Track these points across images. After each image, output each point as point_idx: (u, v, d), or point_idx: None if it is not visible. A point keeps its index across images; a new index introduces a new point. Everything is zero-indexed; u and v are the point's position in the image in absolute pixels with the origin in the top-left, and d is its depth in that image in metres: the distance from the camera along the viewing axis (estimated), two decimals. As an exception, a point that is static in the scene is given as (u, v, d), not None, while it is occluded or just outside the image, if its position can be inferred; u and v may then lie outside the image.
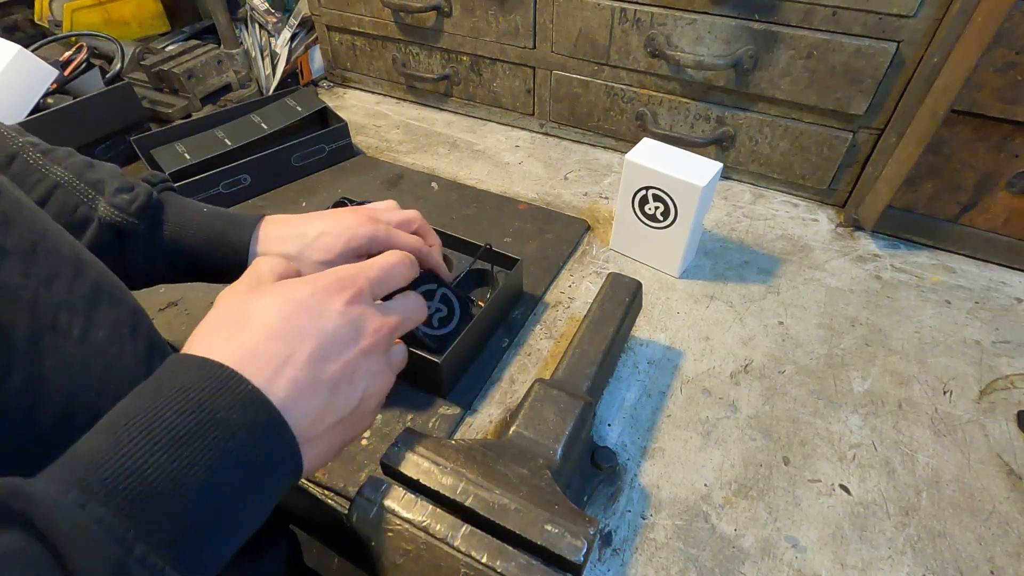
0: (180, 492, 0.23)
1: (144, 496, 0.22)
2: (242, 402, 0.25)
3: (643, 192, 0.62)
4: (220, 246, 0.46)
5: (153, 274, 0.47)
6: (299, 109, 0.89)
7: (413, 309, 0.38)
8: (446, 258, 0.62)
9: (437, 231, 0.63)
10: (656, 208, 0.62)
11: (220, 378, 0.25)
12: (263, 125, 0.87)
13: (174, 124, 0.85)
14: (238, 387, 0.25)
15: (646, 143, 0.63)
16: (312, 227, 0.47)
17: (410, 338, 0.51)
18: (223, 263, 0.47)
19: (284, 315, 0.29)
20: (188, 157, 0.79)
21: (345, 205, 0.66)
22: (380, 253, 0.41)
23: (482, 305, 0.56)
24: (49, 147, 0.45)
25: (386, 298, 0.37)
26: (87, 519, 0.21)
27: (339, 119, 0.87)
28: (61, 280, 0.30)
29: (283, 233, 0.48)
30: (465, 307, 0.54)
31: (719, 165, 0.59)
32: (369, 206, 0.52)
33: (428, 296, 0.53)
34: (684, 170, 0.59)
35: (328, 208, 0.63)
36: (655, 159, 0.61)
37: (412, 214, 0.52)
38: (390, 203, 0.53)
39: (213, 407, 0.24)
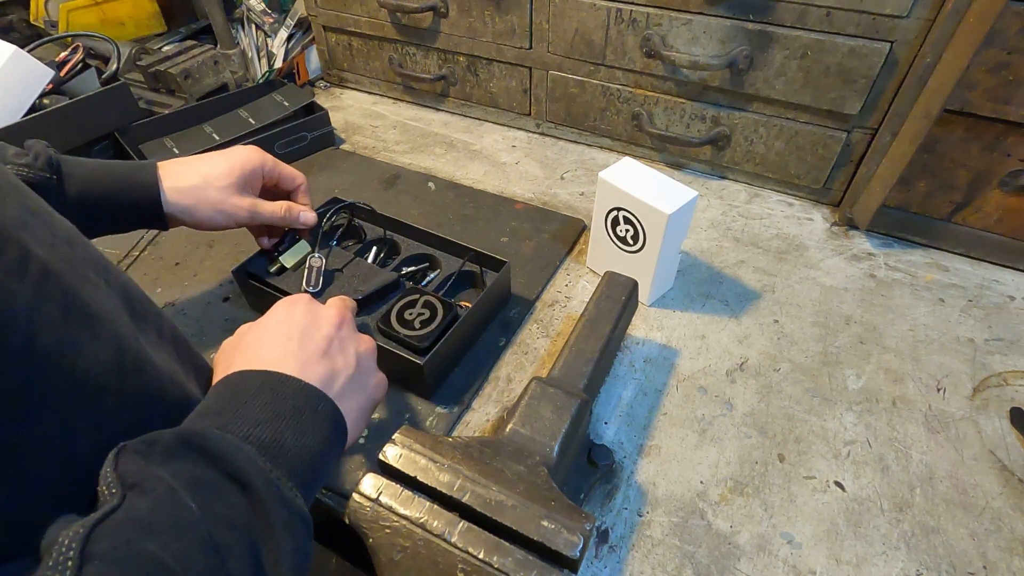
0: (283, 445, 0.32)
1: (264, 447, 0.31)
2: (291, 386, 0.35)
3: (615, 213, 0.60)
4: (131, 188, 0.51)
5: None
6: (286, 104, 0.89)
7: (341, 298, 0.46)
8: (431, 258, 0.65)
9: (430, 232, 0.65)
10: (627, 231, 0.60)
11: (274, 376, 0.35)
12: (251, 120, 0.87)
13: (160, 116, 0.86)
14: (283, 378, 0.35)
15: (627, 162, 0.61)
16: (208, 162, 0.55)
17: (396, 342, 0.53)
18: (136, 203, 0.51)
19: (267, 331, 0.39)
20: (177, 152, 0.81)
21: (338, 203, 0.66)
22: (270, 178, 0.58)
23: (468, 306, 0.57)
24: None
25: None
26: (246, 448, 0.29)
27: (322, 109, 0.89)
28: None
29: (183, 170, 0.53)
30: (448, 310, 0.55)
31: (694, 194, 0.56)
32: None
33: (411, 304, 0.56)
34: (655, 195, 0.56)
35: (321, 207, 0.66)
36: (629, 180, 0.58)
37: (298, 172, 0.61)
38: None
39: (280, 393, 0.34)
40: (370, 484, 0.38)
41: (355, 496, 0.38)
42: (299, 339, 0.38)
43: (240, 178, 0.55)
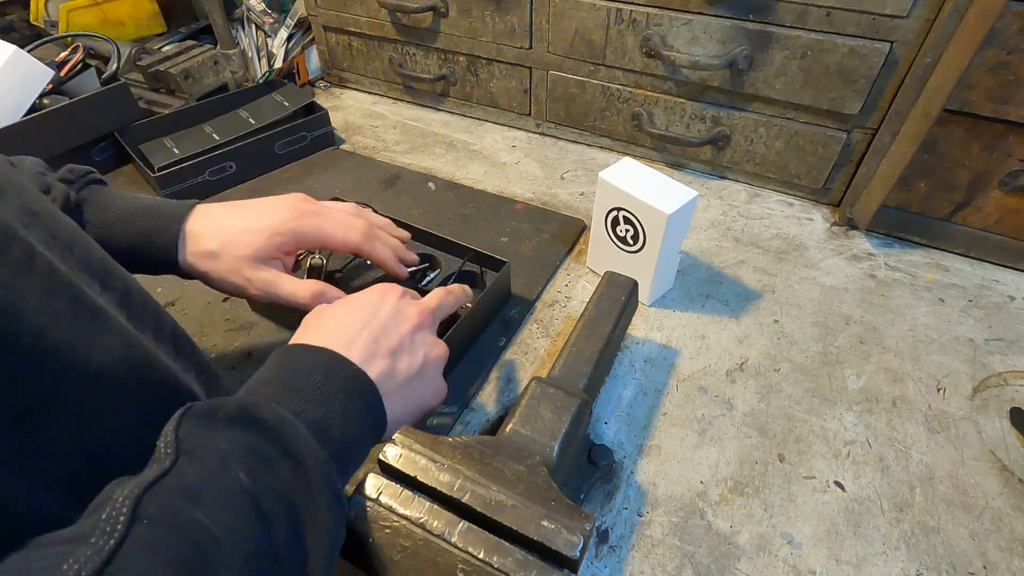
0: (330, 428, 0.33)
1: (313, 427, 0.32)
2: (347, 371, 0.36)
3: (615, 213, 0.60)
4: (146, 247, 0.46)
5: None
6: (286, 104, 0.90)
7: (445, 295, 0.47)
8: (431, 258, 0.64)
9: (430, 232, 0.64)
10: (627, 231, 0.60)
11: (334, 358, 0.36)
12: (251, 120, 0.87)
13: (160, 116, 0.86)
14: (342, 362, 0.37)
15: (627, 162, 0.60)
16: (239, 221, 0.48)
17: None
18: (152, 262, 0.47)
19: (348, 312, 0.41)
20: (177, 152, 0.81)
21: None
22: (309, 247, 0.51)
23: (468, 306, 0.57)
24: None
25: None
26: (301, 427, 0.31)
27: (322, 109, 0.90)
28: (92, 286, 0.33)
29: (207, 230, 0.47)
30: None
31: (694, 194, 0.56)
32: (320, 203, 0.53)
33: None
34: (656, 195, 0.56)
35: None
36: (629, 180, 0.58)
37: (364, 211, 0.55)
38: (349, 205, 0.55)
39: (335, 374, 0.36)
40: (370, 484, 0.38)
41: (355, 496, 0.38)
42: (374, 329, 0.40)
43: (262, 249, 0.47)
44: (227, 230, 0.48)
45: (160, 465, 0.26)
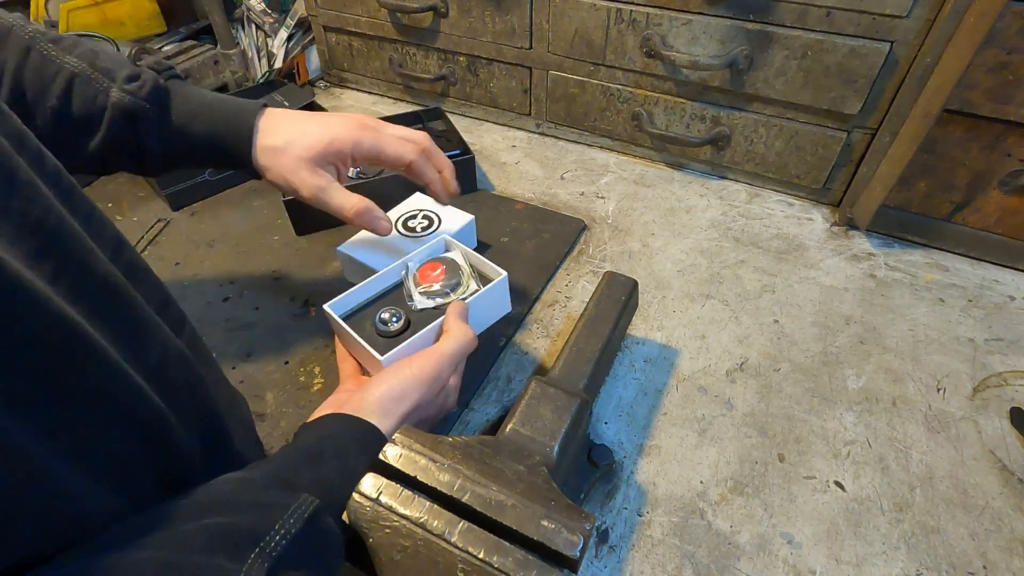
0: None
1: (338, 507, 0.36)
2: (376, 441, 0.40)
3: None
4: (224, 139, 0.49)
5: (168, 159, 0.49)
6: (286, 104, 0.90)
7: (467, 341, 0.49)
8: None
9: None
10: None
11: (376, 439, 0.40)
12: None
13: None
14: (379, 436, 0.41)
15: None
16: (306, 124, 0.51)
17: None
18: (228, 155, 0.50)
19: (423, 394, 0.44)
20: None
21: None
22: (365, 158, 0.52)
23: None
24: (55, 35, 0.46)
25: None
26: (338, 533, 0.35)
27: (323, 109, 0.91)
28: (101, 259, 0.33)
29: (279, 127, 0.50)
30: None
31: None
32: (379, 121, 0.54)
33: None
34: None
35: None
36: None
37: (419, 135, 0.54)
38: (410, 131, 0.56)
39: (373, 458, 0.39)
40: (370, 484, 0.38)
41: (355, 496, 0.38)
42: (422, 411, 0.44)
43: (320, 154, 0.50)
44: (294, 129, 0.50)
45: None
